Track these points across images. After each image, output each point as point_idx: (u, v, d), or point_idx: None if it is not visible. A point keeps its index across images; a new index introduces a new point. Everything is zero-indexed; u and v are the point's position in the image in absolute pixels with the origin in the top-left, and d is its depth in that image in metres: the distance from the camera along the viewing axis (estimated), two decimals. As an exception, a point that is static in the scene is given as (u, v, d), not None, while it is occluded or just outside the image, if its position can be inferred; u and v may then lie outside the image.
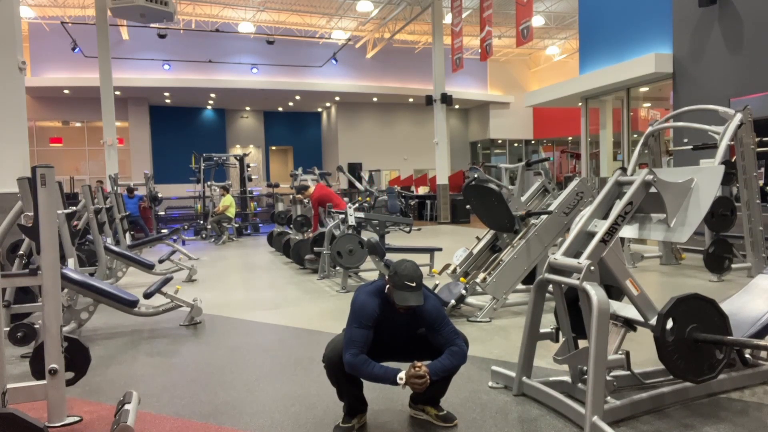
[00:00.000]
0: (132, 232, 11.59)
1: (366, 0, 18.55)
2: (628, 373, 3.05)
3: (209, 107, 25.05)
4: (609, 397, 2.81)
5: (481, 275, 5.26)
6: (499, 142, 26.22)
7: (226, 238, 13.22)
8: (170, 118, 23.90)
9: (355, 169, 20.77)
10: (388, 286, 2.66)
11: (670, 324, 2.72)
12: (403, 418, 2.96)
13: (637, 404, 2.88)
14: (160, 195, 14.07)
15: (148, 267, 7.37)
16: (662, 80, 11.34)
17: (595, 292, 2.67)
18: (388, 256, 6.15)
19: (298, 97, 23.62)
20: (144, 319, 5.29)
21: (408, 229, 8.04)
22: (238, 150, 23.58)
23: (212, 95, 22.66)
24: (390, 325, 2.71)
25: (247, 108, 25.78)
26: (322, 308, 5.81)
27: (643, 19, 11.78)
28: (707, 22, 9.93)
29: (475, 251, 5.81)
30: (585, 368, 2.90)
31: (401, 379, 2.51)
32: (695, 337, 2.74)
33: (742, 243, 6.75)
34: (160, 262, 8.16)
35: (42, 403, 2.77)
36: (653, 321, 2.79)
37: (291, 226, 10.82)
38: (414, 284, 2.58)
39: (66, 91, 20.70)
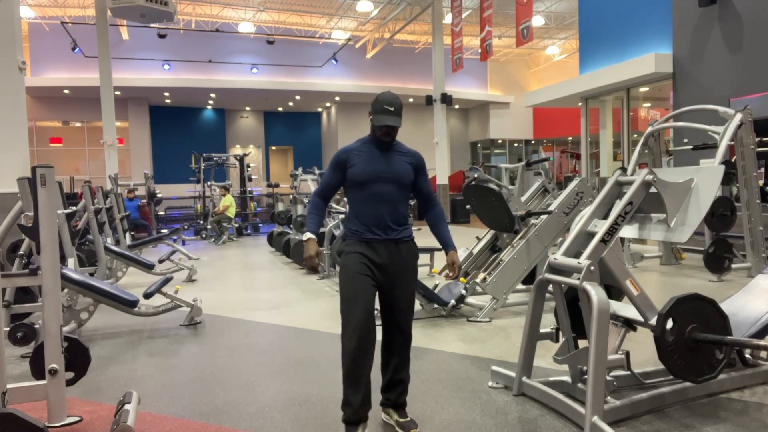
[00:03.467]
0: (132, 233, 11.59)
1: (366, 0, 18.55)
2: (628, 373, 3.05)
3: (209, 107, 25.04)
4: (609, 397, 2.81)
5: (481, 275, 5.26)
6: (499, 142, 26.21)
7: (226, 238, 13.22)
8: (170, 118, 23.88)
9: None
10: (370, 114, 2.81)
11: (670, 324, 2.72)
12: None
13: (637, 404, 2.88)
14: (159, 193, 14.05)
15: (148, 267, 7.37)
16: (662, 80, 11.34)
17: (595, 292, 2.67)
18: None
19: (298, 97, 23.61)
20: (144, 319, 5.29)
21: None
22: (238, 150, 23.57)
23: (212, 95, 22.66)
24: (375, 156, 2.81)
25: (247, 108, 25.76)
26: (322, 308, 5.81)
27: (643, 19, 11.78)
28: (707, 22, 9.93)
29: (475, 251, 5.81)
30: (585, 368, 2.90)
31: (307, 236, 2.82)
32: (695, 337, 2.74)
33: (742, 243, 6.75)
34: (160, 262, 8.16)
35: (42, 403, 2.77)
36: (653, 321, 2.79)
37: (291, 226, 10.82)
38: (392, 108, 2.74)
39: (66, 91, 20.69)
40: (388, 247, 2.75)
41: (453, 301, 5.14)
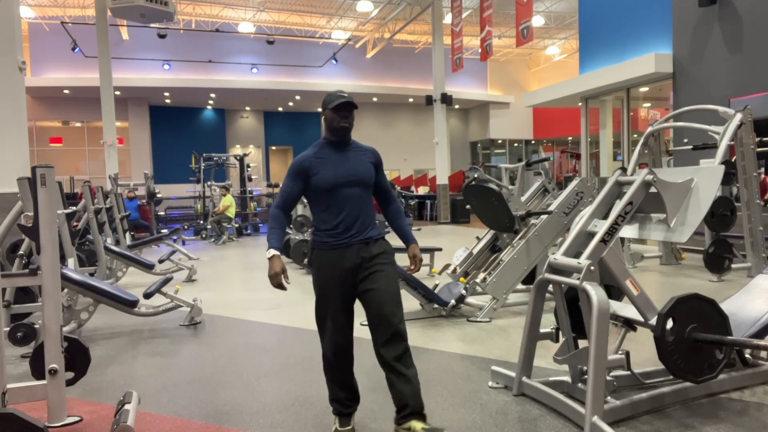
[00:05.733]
0: (133, 233, 11.58)
1: (366, 0, 18.55)
2: (628, 373, 3.05)
3: (209, 107, 25.03)
4: (609, 397, 2.81)
5: (481, 275, 5.26)
6: (499, 142, 26.22)
7: (226, 238, 13.22)
8: (170, 118, 23.87)
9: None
10: (324, 114, 2.75)
11: (670, 324, 2.72)
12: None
13: (637, 404, 2.88)
14: (158, 193, 14.04)
15: (148, 267, 7.37)
16: (662, 80, 11.34)
17: (595, 292, 2.67)
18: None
19: (298, 97, 23.60)
20: (144, 319, 5.29)
21: (408, 229, 8.04)
22: (238, 150, 23.55)
23: (212, 95, 22.65)
24: (336, 159, 2.73)
25: (247, 108, 25.75)
26: (322, 308, 5.80)
27: (643, 19, 11.79)
28: (707, 22, 9.93)
29: (475, 251, 5.81)
30: (585, 368, 2.90)
31: (271, 253, 2.68)
32: (695, 337, 2.74)
33: (742, 243, 6.75)
34: (160, 262, 8.16)
35: (42, 403, 2.76)
36: (653, 321, 2.79)
37: (291, 226, 10.81)
38: (346, 93, 2.72)
39: (66, 91, 20.69)
40: (359, 248, 2.70)
41: (453, 301, 5.14)
